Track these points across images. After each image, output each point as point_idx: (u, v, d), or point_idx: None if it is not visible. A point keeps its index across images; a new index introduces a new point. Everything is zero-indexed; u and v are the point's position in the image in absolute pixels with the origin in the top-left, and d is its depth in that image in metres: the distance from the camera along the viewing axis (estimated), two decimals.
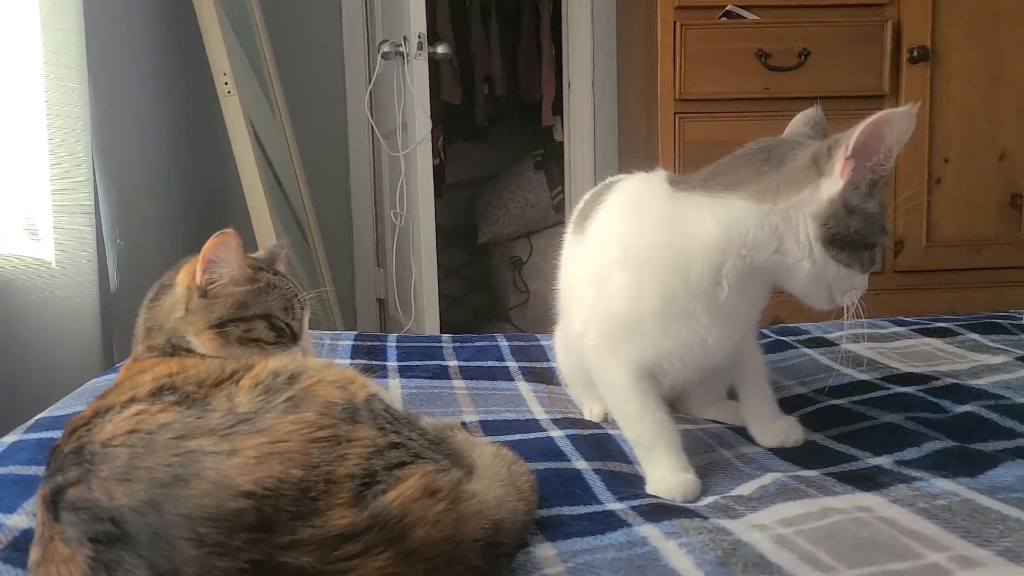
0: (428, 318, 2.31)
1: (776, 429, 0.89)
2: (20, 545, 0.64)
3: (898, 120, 0.72)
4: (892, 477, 0.75)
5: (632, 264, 0.79)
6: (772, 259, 0.76)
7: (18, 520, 0.68)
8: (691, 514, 0.70)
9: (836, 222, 0.74)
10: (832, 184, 0.74)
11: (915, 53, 2.13)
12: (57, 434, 0.67)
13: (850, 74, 2.13)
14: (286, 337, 0.84)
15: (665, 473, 0.79)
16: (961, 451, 0.81)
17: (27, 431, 0.90)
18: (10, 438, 0.88)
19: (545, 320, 1.09)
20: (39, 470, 0.65)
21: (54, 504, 0.59)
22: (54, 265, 1.36)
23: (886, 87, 2.14)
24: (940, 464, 0.78)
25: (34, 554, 0.61)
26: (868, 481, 0.75)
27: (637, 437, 0.83)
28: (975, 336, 1.30)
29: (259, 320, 0.82)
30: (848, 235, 0.74)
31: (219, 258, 0.81)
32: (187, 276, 0.82)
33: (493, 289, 3.77)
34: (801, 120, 0.87)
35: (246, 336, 0.81)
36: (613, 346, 0.82)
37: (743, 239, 0.76)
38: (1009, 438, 0.86)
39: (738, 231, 0.76)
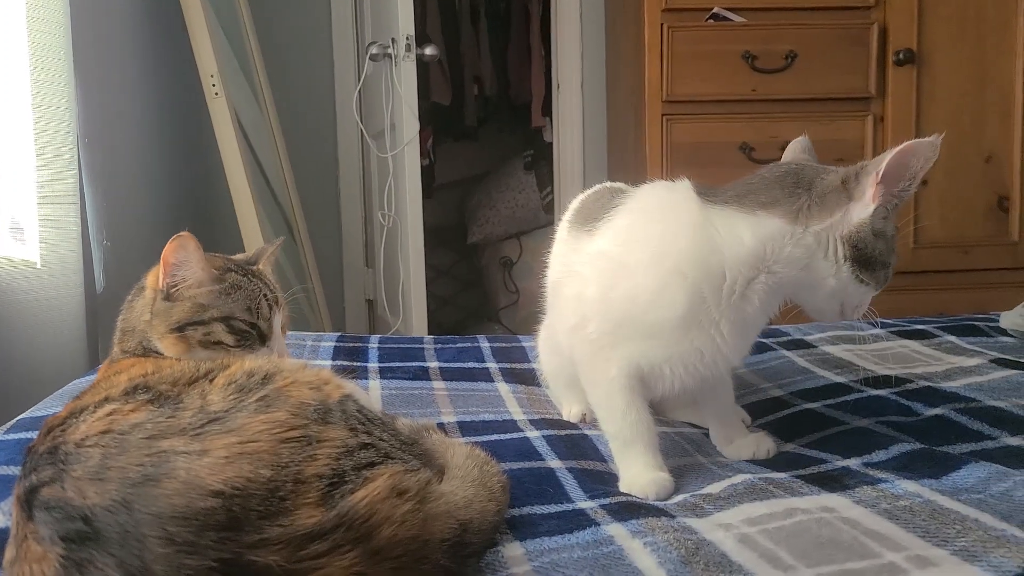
0: (416, 318, 2.32)
1: (746, 444, 0.91)
2: None
3: (924, 149, 0.76)
4: (858, 479, 0.77)
5: (659, 269, 0.80)
6: (799, 276, 0.80)
7: None
8: (658, 513, 0.71)
9: (864, 244, 0.78)
10: (863, 208, 0.78)
11: (901, 55, 2.14)
12: (36, 435, 0.68)
13: (837, 76, 2.15)
14: (251, 339, 0.83)
15: (640, 471, 0.81)
16: (927, 453, 0.82)
17: (7, 432, 0.91)
18: None
19: (535, 320, 1.09)
20: (18, 470, 0.65)
21: (28, 503, 0.60)
22: (39, 266, 1.36)
23: (872, 89, 2.15)
24: (906, 466, 0.79)
25: (9, 553, 0.61)
26: (834, 483, 0.76)
27: (617, 431, 0.84)
28: (952, 338, 1.32)
29: (217, 323, 0.81)
30: (873, 255, 0.79)
31: (180, 261, 0.81)
32: (154, 279, 0.83)
33: (483, 289, 3.78)
34: (798, 147, 0.92)
35: (206, 339, 0.81)
36: (615, 342, 0.83)
37: (777, 256, 0.79)
38: (976, 440, 0.87)
39: (774, 248, 0.79)
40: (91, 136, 1.63)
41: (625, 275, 0.82)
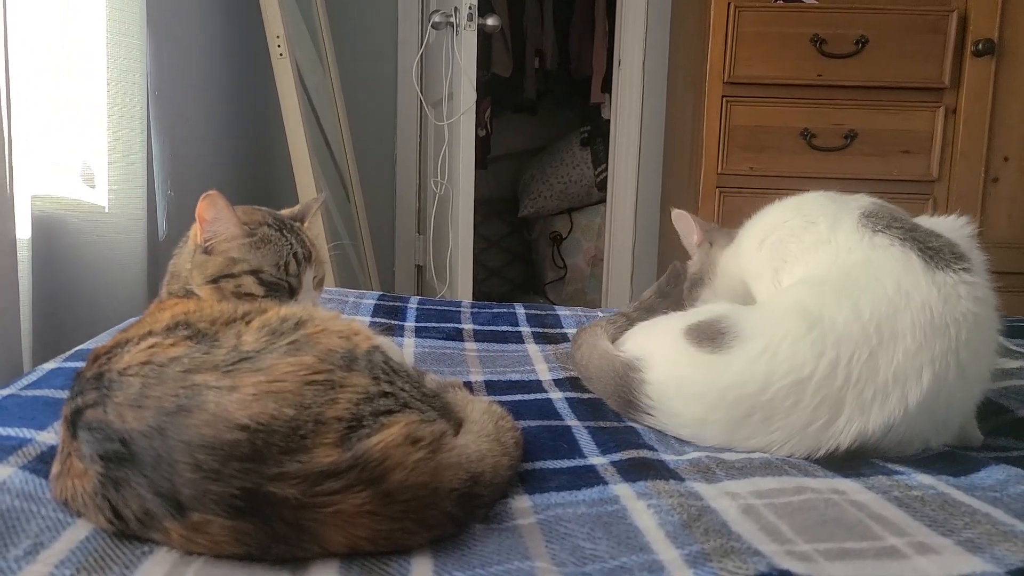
0: (462, 287, 2.36)
1: None
2: (46, 458, 0.70)
3: None
4: (875, 468, 0.76)
5: None
6: None
7: (47, 437, 0.75)
8: (667, 475, 0.72)
9: None
10: None
11: (980, 46, 2.04)
12: None
13: (909, 65, 2.06)
14: (280, 292, 0.86)
15: None
16: (950, 455, 0.81)
17: (65, 360, 0.98)
18: (50, 365, 0.96)
19: (581, 296, 1.10)
20: None
21: (73, 423, 0.65)
22: (107, 210, 1.43)
23: (946, 80, 2.06)
24: (926, 463, 0.78)
25: (55, 467, 0.67)
26: (850, 469, 0.75)
27: None
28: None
29: (247, 275, 0.85)
30: None
31: (212, 218, 0.85)
32: (195, 233, 0.87)
33: (531, 263, 3.79)
34: None
35: (238, 291, 0.84)
36: None
37: None
38: (1004, 450, 0.85)
39: None
40: (160, 90, 1.69)
41: None
